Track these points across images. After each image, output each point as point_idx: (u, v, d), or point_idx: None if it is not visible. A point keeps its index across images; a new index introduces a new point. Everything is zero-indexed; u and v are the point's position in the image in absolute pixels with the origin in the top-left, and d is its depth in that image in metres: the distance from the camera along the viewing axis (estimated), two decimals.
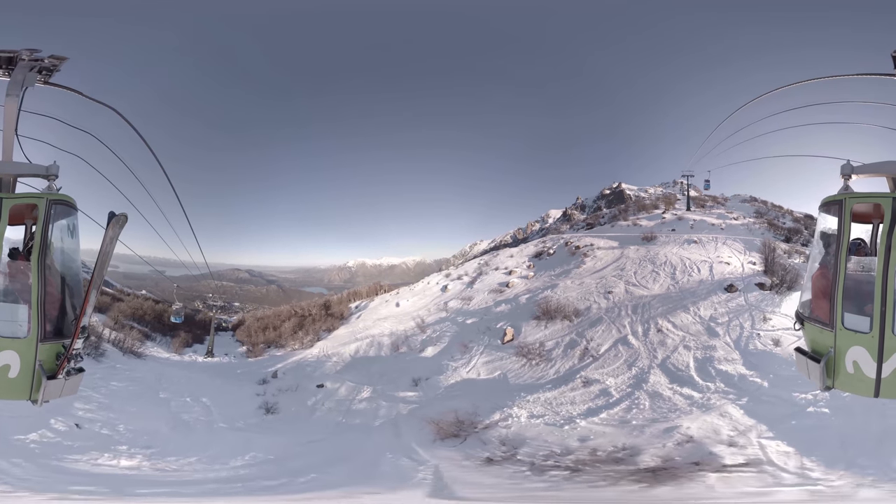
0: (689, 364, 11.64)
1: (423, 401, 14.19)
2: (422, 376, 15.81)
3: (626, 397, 10.81)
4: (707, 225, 25.66)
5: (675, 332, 13.09)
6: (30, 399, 4.31)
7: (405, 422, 12.56)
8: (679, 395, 10.53)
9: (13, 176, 4.54)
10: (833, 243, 4.55)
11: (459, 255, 66.94)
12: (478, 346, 16.71)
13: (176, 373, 20.42)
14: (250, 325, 39.49)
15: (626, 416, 10.13)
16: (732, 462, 8.32)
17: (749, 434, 9.00)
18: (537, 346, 14.81)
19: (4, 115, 4.54)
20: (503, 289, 23.99)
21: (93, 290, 4.58)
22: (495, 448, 9.81)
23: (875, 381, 4.24)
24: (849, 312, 4.35)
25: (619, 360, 12.50)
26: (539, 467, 8.84)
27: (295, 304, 43.19)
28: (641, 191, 55.07)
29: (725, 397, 10.24)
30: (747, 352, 11.78)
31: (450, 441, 10.42)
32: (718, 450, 8.66)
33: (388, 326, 24.63)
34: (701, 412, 9.81)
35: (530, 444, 9.68)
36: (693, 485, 7.85)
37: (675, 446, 8.84)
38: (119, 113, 5.38)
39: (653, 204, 38.59)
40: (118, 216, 4.61)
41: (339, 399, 16.27)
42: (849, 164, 4.69)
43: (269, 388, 18.71)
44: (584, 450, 9.17)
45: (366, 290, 42.12)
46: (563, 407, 10.99)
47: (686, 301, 14.85)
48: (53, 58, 4.73)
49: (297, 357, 26.10)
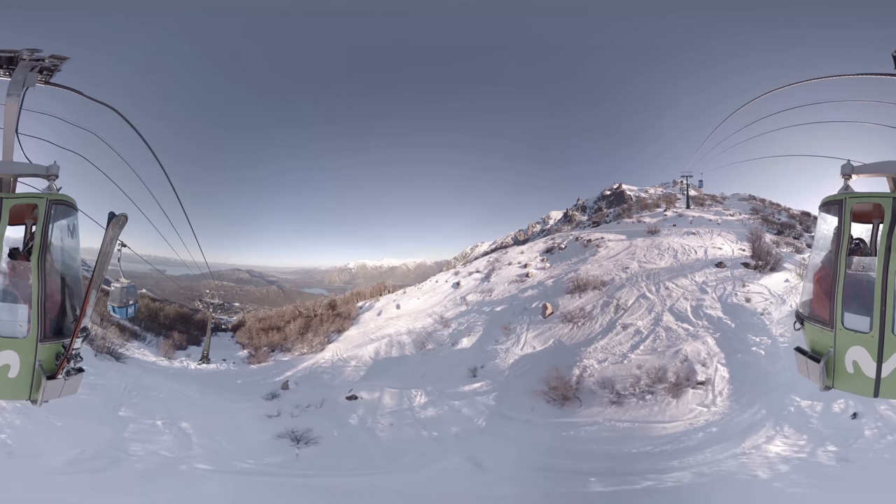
0: (686, 309, 15.57)
1: (494, 387, 14.41)
2: (476, 365, 15.91)
3: (651, 332, 14.68)
4: (705, 221, 27.88)
5: (678, 290, 16.97)
6: (29, 399, 4.33)
7: (503, 413, 12.65)
8: (681, 328, 14.57)
9: (13, 176, 4.54)
10: (833, 243, 4.56)
11: (461, 257, 66.86)
12: (520, 325, 17.94)
13: (157, 382, 16.72)
14: (251, 327, 37.03)
15: (653, 346, 14.00)
16: (700, 379, 12.02)
17: (713, 358, 12.77)
18: (578, 311, 17.17)
19: (5, 114, 4.53)
20: (523, 279, 24.84)
21: (93, 291, 4.58)
22: (606, 391, 12.31)
23: (875, 380, 4.24)
24: (849, 312, 4.36)
25: (641, 309, 16.17)
26: (637, 394, 11.84)
27: (299, 303, 40.92)
28: (642, 191, 54.93)
29: (707, 331, 14.11)
30: (726, 304, 15.44)
31: (567, 404, 12.40)
32: (697, 367, 12.44)
33: (404, 325, 24.26)
34: (692, 340, 13.80)
35: (617, 381, 12.45)
36: (681, 400, 11.44)
37: (679, 364, 12.67)
38: (119, 113, 5.39)
39: (654, 203, 39.78)
40: (118, 216, 4.61)
41: (392, 410, 13.97)
42: (849, 164, 4.68)
43: (283, 405, 15.06)
44: (644, 374, 12.41)
45: (370, 291, 40.53)
46: (615, 348, 14.26)
47: (685, 272, 18.35)
48: (54, 57, 4.73)
49: (307, 362, 24.22)
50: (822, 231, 4.80)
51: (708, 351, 13.08)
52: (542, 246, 31.36)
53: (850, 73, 5.12)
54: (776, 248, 19.90)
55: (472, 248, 76.01)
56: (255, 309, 50.85)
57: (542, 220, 67.61)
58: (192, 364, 25.67)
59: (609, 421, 11.39)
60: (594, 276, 19.65)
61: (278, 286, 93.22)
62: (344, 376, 19.09)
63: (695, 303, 15.71)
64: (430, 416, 13.35)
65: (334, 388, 16.87)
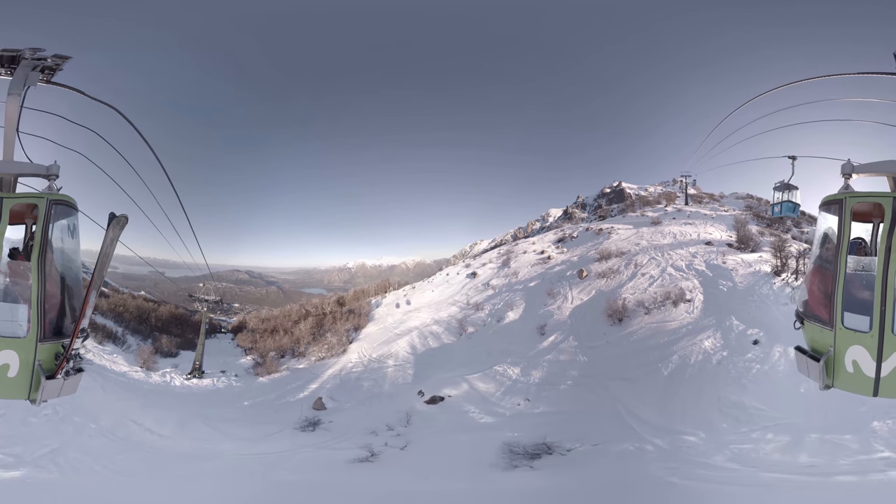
0: (682, 266, 21.38)
1: (567, 333, 18.50)
2: (539, 325, 19.70)
3: (660, 277, 20.86)
4: (701, 215, 31.96)
5: (676, 255, 22.70)
6: (28, 399, 4.32)
7: (588, 345, 16.87)
8: (678, 275, 20.46)
9: (14, 175, 4.53)
10: (833, 242, 4.55)
11: (460, 255, 66.89)
12: (563, 288, 22.97)
13: (107, 407, 10.50)
14: (255, 328, 33.88)
15: (661, 283, 20.18)
16: (687, 298, 18.19)
17: (696, 290, 18.73)
18: (608, 270, 23.02)
19: (6, 113, 4.51)
20: (545, 261, 28.40)
21: (93, 291, 4.58)
22: (640, 308, 18.48)
23: (874, 380, 4.24)
24: (849, 312, 4.35)
25: (652, 266, 22.24)
26: (656, 307, 18.24)
27: (305, 301, 38.91)
28: (641, 189, 55.09)
29: (694, 277, 19.95)
30: (709, 264, 20.88)
31: (621, 322, 18.20)
32: (686, 293, 18.51)
33: (427, 316, 25.25)
34: (685, 280, 19.77)
35: (646, 301, 18.72)
36: (677, 309, 17.74)
37: (677, 291, 18.77)
38: (120, 112, 5.36)
39: (656, 200, 43.83)
40: (118, 217, 4.61)
41: (499, 391, 13.59)
42: (849, 164, 4.68)
43: (340, 434, 9.60)
44: (658, 296, 18.77)
45: (374, 287, 39.61)
46: (639, 286, 20.41)
47: (682, 247, 23.86)
48: (56, 57, 4.70)
49: (332, 369, 21.58)
50: (822, 230, 4.79)
51: (693, 286, 19.27)
52: (552, 237, 34.52)
53: (851, 72, 5.12)
54: (760, 237, 23.93)
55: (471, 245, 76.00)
56: (256, 309, 50.37)
57: (541, 218, 67.59)
58: (178, 378, 20.26)
59: (646, 325, 17.49)
60: (615, 248, 25.37)
61: (278, 286, 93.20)
62: (390, 379, 17.75)
63: (687, 262, 21.79)
64: (542, 374, 15.54)
65: (393, 396, 14.89)
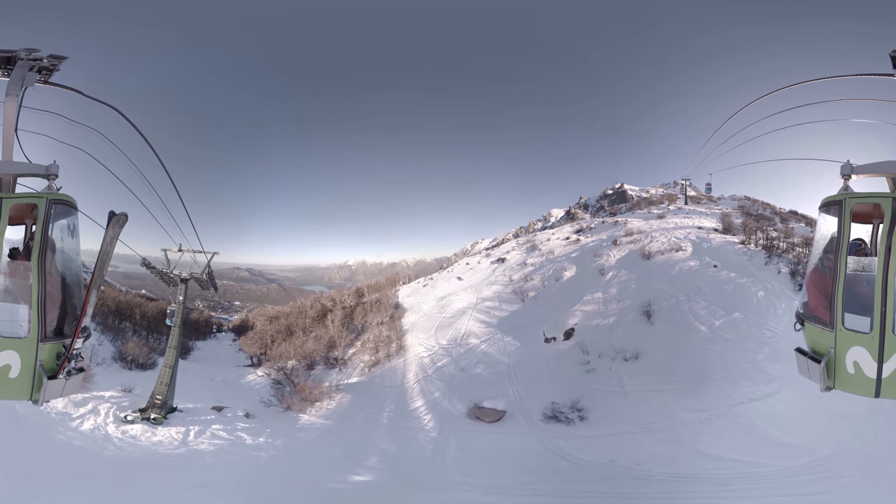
0: (681, 237, 27.99)
1: (621, 269, 25.10)
2: (599, 269, 26.20)
3: (667, 241, 27.56)
4: (698, 212, 37.90)
5: (677, 234, 29.33)
6: (30, 399, 4.32)
7: (640, 268, 24.28)
8: (677, 241, 27.23)
9: (13, 175, 4.52)
10: (833, 243, 4.54)
11: (461, 254, 66.80)
12: (604, 252, 28.94)
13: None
14: (263, 331, 28.50)
15: (668, 242, 27.36)
16: (683, 247, 25.78)
17: (688, 244, 26.27)
18: (634, 239, 29.53)
19: (4, 114, 4.50)
20: (576, 241, 34.06)
21: (93, 290, 4.58)
22: (658, 253, 25.77)
23: (875, 381, 4.22)
24: (849, 313, 4.34)
25: (663, 236, 28.95)
26: (666, 252, 25.61)
27: (320, 293, 37.12)
28: (643, 191, 55.44)
29: (687, 241, 26.91)
30: (700, 238, 27.67)
31: (651, 259, 25.66)
32: (682, 245, 26.14)
33: (471, 297, 28.61)
34: (681, 243, 26.60)
35: (661, 250, 26.10)
36: (677, 253, 25.19)
37: (678, 245, 26.44)
38: (120, 112, 5.35)
39: (659, 200, 49.11)
40: (118, 216, 4.61)
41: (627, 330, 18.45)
42: (849, 164, 4.66)
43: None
44: (665, 246, 26.42)
45: (386, 281, 40.15)
46: (654, 245, 27.19)
47: (681, 230, 30.40)
48: (53, 57, 4.69)
49: (409, 373, 17.84)
50: (822, 231, 4.78)
51: (686, 245, 25.96)
52: (570, 228, 40.66)
53: (850, 73, 5.10)
54: (742, 227, 31.08)
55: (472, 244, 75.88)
56: (258, 307, 49.93)
57: (543, 218, 67.53)
58: (113, 425, 11.58)
59: (662, 259, 24.60)
60: (635, 228, 32.50)
61: (278, 284, 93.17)
62: (494, 350, 21.06)
63: (684, 235, 28.47)
64: (615, 291, 22.20)
65: (520, 360, 19.82)
